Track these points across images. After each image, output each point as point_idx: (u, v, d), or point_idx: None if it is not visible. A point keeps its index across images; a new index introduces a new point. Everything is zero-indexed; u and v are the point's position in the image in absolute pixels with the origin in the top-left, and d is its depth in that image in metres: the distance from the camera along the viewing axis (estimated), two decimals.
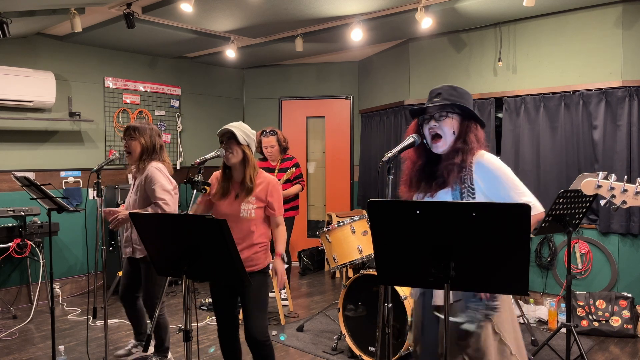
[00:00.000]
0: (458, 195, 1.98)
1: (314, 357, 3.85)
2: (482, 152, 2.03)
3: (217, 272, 2.20)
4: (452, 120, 2.02)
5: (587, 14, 4.50)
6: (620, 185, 1.91)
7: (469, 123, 2.04)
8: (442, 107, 2.02)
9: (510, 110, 4.95)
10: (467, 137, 2.01)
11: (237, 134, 2.74)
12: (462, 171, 1.98)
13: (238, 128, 2.78)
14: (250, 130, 2.86)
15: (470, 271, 1.63)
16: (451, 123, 2.02)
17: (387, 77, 6.21)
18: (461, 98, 2.04)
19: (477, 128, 2.06)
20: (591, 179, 1.96)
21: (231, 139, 2.76)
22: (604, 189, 1.93)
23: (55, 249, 5.36)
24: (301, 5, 4.39)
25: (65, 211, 3.42)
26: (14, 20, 4.30)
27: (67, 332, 4.44)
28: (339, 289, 5.71)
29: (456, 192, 1.98)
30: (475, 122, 2.06)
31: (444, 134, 2.01)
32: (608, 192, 1.92)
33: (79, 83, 5.60)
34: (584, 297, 4.31)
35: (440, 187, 2.01)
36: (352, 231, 3.83)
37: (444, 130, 2.01)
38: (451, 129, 2.02)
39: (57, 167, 5.45)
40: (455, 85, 2.08)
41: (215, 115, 6.94)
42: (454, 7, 4.48)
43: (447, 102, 2.01)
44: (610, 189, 1.92)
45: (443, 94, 2.03)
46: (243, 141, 2.77)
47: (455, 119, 2.03)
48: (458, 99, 2.03)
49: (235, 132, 2.74)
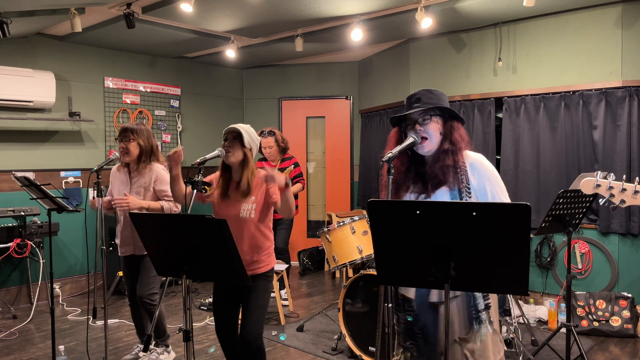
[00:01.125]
0: (457, 194, 2.02)
1: (314, 357, 3.85)
2: (471, 153, 2.11)
3: (217, 272, 2.20)
4: (435, 122, 2.09)
5: (587, 14, 4.50)
6: (619, 185, 1.92)
7: (451, 123, 2.11)
8: (425, 112, 2.08)
9: (510, 110, 4.95)
10: (453, 137, 2.08)
11: (243, 135, 2.76)
12: (457, 171, 2.04)
13: (245, 130, 2.79)
14: (256, 135, 2.88)
15: (470, 271, 1.63)
16: (435, 125, 2.09)
17: (387, 77, 6.21)
18: (439, 100, 2.11)
19: (460, 127, 2.13)
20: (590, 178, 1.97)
21: (236, 139, 2.77)
22: (602, 188, 1.94)
23: (55, 249, 5.36)
24: (301, 5, 4.39)
25: (65, 211, 3.43)
26: (14, 20, 4.30)
27: (67, 332, 4.44)
28: (339, 289, 5.71)
29: (455, 191, 2.02)
30: (457, 121, 2.13)
31: (429, 136, 2.07)
32: (607, 192, 1.94)
33: (79, 83, 5.60)
34: (584, 297, 4.31)
35: (436, 187, 2.05)
36: (352, 231, 3.83)
37: (429, 133, 2.07)
38: (437, 131, 2.08)
39: (57, 167, 5.46)
40: (430, 88, 2.15)
41: (215, 115, 6.94)
42: (454, 7, 4.48)
43: (429, 107, 2.08)
44: (609, 188, 1.93)
45: (422, 98, 2.10)
46: (247, 144, 2.78)
47: (438, 121, 2.10)
48: (437, 101, 2.10)
49: (242, 133, 2.76)
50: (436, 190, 2.05)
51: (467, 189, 2.02)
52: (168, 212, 3.36)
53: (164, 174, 3.44)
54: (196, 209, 2.53)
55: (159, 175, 3.42)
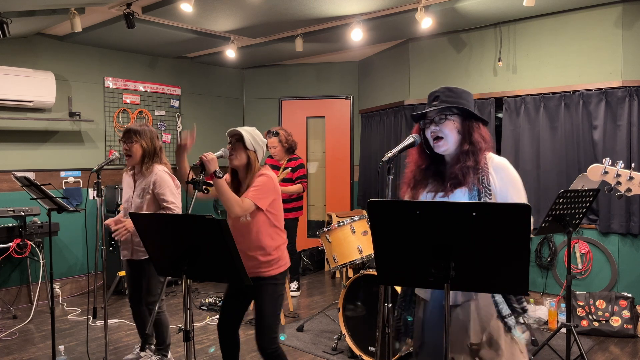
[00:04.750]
0: (476, 195, 1.96)
1: (314, 357, 3.85)
2: (495, 157, 2.03)
3: (217, 272, 2.20)
4: (452, 122, 2.02)
5: (587, 14, 4.50)
6: (627, 173, 1.91)
7: (470, 123, 2.03)
8: (441, 110, 2.02)
9: (510, 110, 4.95)
10: (473, 138, 2.00)
11: (245, 137, 2.72)
12: (477, 172, 1.97)
13: (248, 132, 2.76)
14: (261, 137, 2.82)
15: (471, 271, 1.63)
16: (452, 125, 2.01)
17: (387, 77, 6.21)
18: (459, 98, 2.04)
19: (480, 127, 2.05)
20: (598, 164, 1.96)
21: (239, 141, 2.75)
22: (610, 176, 1.93)
23: (55, 249, 5.36)
24: (301, 5, 4.39)
25: (65, 211, 3.42)
26: (14, 20, 4.30)
27: (67, 332, 4.44)
28: (339, 289, 5.71)
29: (474, 192, 1.96)
30: (477, 121, 2.05)
31: (445, 135, 2.01)
32: (614, 179, 1.92)
33: (79, 83, 5.60)
34: (584, 297, 4.31)
35: (455, 187, 1.99)
36: (352, 231, 3.83)
37: (444, 133, 2.01)
38: (453, 130, 2.01)
39: (57, 167, 5.45)
40: (453, 86, 2.08)
41: (215, 116, 6.94)
42: (454, 7, 4.48)
43: (445, 105, 2.01)
44: (616, 175, 1.92)
45: (440, 96, 2.03)
46: (250, 146, 2.74)
47: (456, 120, 2.02)
48: (456, 99, 2.03)
49: (243, 134, 2.72)
50: (455, 190, 1.99)
51: (488, 190, 1.95)
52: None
53: (163, 176, 3.33)
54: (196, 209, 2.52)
55: (158, 178, 3.31)
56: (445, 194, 2.01)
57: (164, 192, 3.27)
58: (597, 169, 1.93)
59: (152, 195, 3.30)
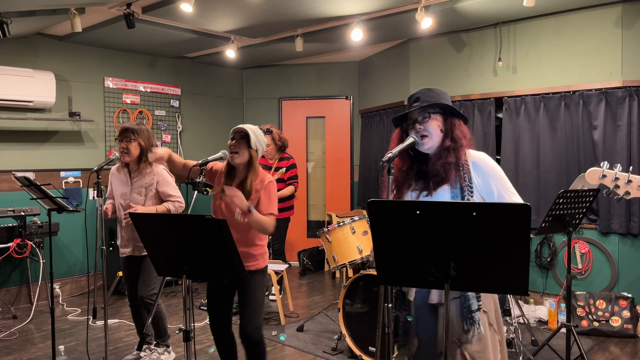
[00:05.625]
0: (459, 193, 2.01)
1: (314, 357, 3.85)
2: (474, 152, 2.10)
3: (217, 272, 2.20)
4: (435, 120, 2.08)
5: (587, 14, 4.50)
6: (625, 176, 1.90)
7: (452, 120, 2.10)
8: (424, 109, 2.08)
9: (510, 110, 4.95)
10: (454, 134, 2.07)
11: (250, 136, 2.76)
12: (459, 169, 2.03)
13: (253, 131, 2.79)
14: (262, 137, 2.87)
15: (470, 271, 1.63)
16: (435, 123, 2.08)
17: (387, 77, 6.21)
18: (439, 97, 2.10)
19: (461, 124, 2.12)
20: (596, 168, 1.96)
21: (243, 139, 2.77)
22: (608, 179, 1.92)
23: (55, 249, 5.36)
24: (301, 5, 4.39)
25: (65, 211, 3.43)
26: (14, 20, 4.30)
27: (67, 332, 4.44)
28: (339, 289, 5.71)
29: (457, 190, 2.01)
30: (458, 118, 2.12)
31: (430, 134, 2.07)
32: (612, 182, 1.92)
33: (79, 83, 5.60)
34: (584, 297, 4.31)
35: (438, 184, 2.05)
36: (352, 231, 3.83)
37: (429, 131, 2.07)
38: (437, 128, 2.08)
39: (57, 167, 5.45)
40: (431, 87, 2.15)
41: (215, 115, 6.94)
42: (454, 7, 4.48)
43: (427, 103, 2.07)
44: (614, 179, 1.91)
45: (421, 97, 2.09)
46: (254, 145, 2.78)
47: (438, 118, 2.09)
48: (437, 98, 2.09)
49: (250, 133, 2.76)
50: (438, 188, 2.04)
51: (470, 187, 2.01)
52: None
53: (166, 175, 3.47)
54: (196, 209, 2.52)
55: (161, 178, 3.45)
56: (429, 192, 2.06)
57: (169, 189, 3.45)
58: (595, 172, 1.93)
59: (156, 193, 3.44)
